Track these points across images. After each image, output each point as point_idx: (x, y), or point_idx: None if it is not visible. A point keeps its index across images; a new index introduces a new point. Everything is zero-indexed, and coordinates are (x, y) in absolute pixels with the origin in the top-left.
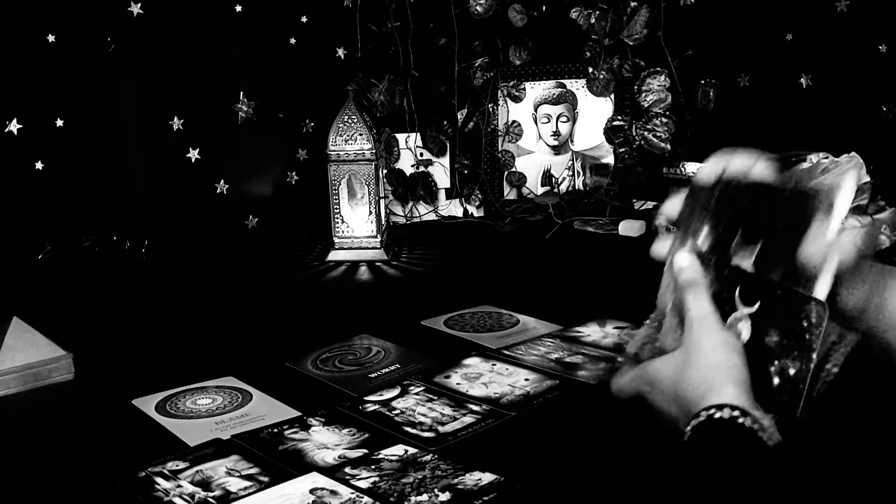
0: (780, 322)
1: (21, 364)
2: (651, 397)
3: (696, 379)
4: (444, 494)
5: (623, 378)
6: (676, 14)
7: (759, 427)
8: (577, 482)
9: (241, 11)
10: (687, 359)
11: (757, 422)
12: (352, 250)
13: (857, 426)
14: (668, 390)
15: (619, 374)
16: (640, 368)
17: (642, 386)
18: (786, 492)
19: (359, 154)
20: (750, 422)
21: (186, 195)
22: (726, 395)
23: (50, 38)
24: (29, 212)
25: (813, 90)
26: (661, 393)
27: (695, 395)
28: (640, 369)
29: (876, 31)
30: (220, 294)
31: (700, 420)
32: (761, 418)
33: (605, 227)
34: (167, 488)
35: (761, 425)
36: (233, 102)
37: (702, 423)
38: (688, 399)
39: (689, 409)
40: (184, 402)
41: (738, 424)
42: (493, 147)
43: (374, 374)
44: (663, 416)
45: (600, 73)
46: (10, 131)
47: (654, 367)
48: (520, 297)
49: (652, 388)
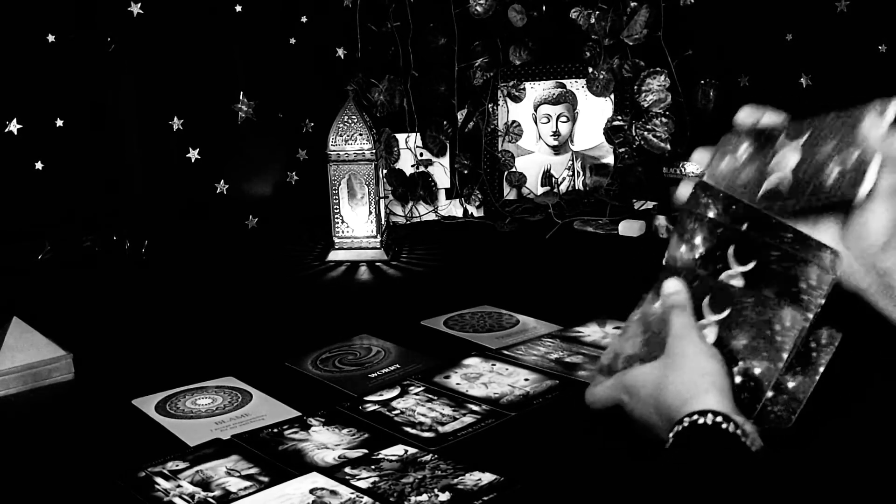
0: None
1: (21, 364)
2: (630, 406)
3: (678, 386)
4: (444, 494)
5: (598, 388)
6: (676, 14)
7: (741, 433)
8: (577, 482)
9: (241, 11)
10: (668, 366)
11: (739, 427)
12: (352, 250)
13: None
14: (648, 398)
15: (592, 385)
16: (617, 377)
17: (620, 395)
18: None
19: (359, 154)
20: (733, 427)
21: (186, 195)
22: (709, 401)
23: (50, 38)
24: (29, 212)
25: (813, 90)
26: (641, 401)
27: (677, 402)
28: (616, 378)
29: (876, 31)
30: (220, 294)
31: (683, 426)
32: (743, 424)
33: (605, 227)
34: (167, 488)
35: (744, 430)
36: (233, 102)
37: (685, 428)
38: (670, 406)
39: (671, 416)
40: (184, 402)
41: (721, 430)
42: (493, 147)
43: (374, 374)
44: (642, 424)
45: (600, 73)
46: (10, 131)
47: (633, 375)
48: (520, 297)
49: (631, 396)
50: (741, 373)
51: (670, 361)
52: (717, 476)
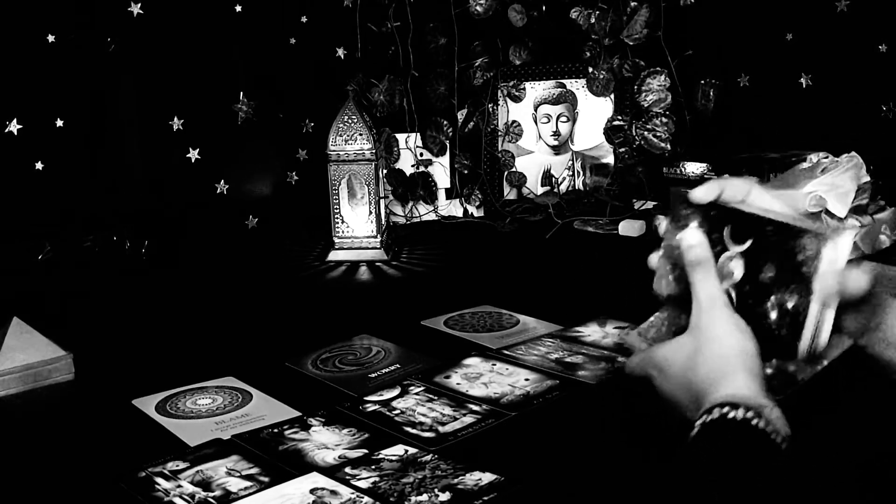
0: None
1: (21, 364)
2: (658, 382)
3: (708, 365)
4: (444, 494)
5: (634, 359)
6: (676, 14)
7: (771, 429)
8: (577, 482)
9: (241, 11)
10: (698, 344)
11: (770, 423)
12: (352, 250)
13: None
14: (677, 376)
15: (632, 355)
16: (648, 352)
17: (650, 370)
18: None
19: (359, 154)
20: (763, 423)
21: (186, 195)
22: (738, 382)
23: (50, 39)
24: (29, 212)
25: (813, 90)
26: (670, 378)
27: (706, 382)
28: (647, 352)
29: (876, 31)
30: (220, 294)
31: (713, 417)
32: (770, 413)
33: (605, 227)
34: (167, 488)
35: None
36: (233, 102)
37: (713, 421)
38: (699, 386)
39: (700, 396)
40: (184, 402)
41: (751, 426)
42: (493, 147)
43: (374, 374)
44: (670, 402)
45: (600, 73)
46: (10, 131)
47: (663, 352)
48: (520, 297)
49: (660, 373)
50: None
51: (701, 338)
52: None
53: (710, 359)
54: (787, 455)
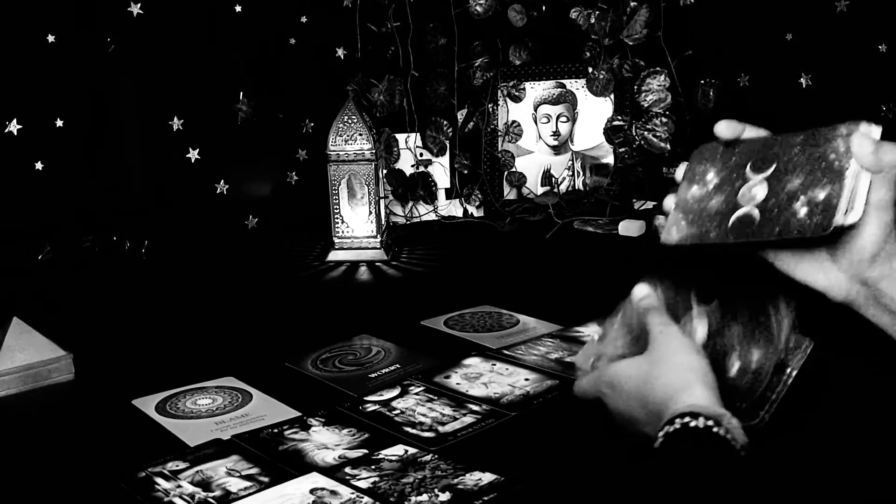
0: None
1: (21, 364)
2: (610, 400)
3: (664, 380)
4: (444, 494)
5: (583, 380)
6: (676, 14)
7: (731, 437)
8: (577, 482)
9: (241, 11)
10: (653, 362)
11: (729, 431)
12: (352, 250)
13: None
14: (633, 392)
15: (579, 379)
16: (599, 371)
17: (602, 388)
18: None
19: (359, 154)
20: (724, 431)
21: (186, 195)
22: (696, 393)
23: (50, 39)
24: (29, 212)
25: (813, 90)
26: (624, 395)
27: (665, 396)
28: (598, 372)
29: (876, 31)
30: (220, 294)
31: (675, 427)
32: (729, 422)
33: (604, 227)
34: (167, 488)
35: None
36: (233, 102)
37: (676, 430)
38: (656, 400)
39: (659, 410)
40: (184, 402)
41: (712, 433)
42: (493, 147)
43: (374, 375)
44: (625, 418)
45: (600, 73)
46: (10, 131)
47: (615, 370)
48: (520, 297)
49: (613, 390)
50: (806, 203)
51: (656, 356)
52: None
53: (666, 373)
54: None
